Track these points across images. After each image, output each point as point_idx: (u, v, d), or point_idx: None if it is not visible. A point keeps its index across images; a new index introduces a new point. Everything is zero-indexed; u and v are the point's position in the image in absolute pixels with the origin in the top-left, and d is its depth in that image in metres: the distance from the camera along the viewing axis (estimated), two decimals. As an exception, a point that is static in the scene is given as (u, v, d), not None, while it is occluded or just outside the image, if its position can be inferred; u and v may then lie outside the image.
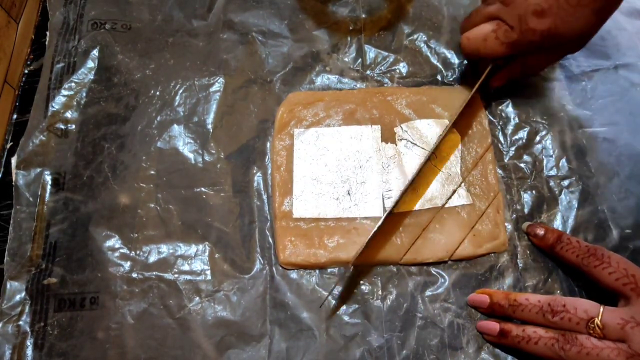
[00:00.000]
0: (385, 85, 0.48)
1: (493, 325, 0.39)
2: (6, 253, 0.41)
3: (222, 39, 0.49)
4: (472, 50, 0.43)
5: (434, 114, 0.46)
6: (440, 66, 0.49)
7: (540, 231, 0.41)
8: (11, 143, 0.46)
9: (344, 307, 0.40)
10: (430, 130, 0.45)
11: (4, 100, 0.46)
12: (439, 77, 0.49)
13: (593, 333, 0.34)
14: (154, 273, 0.41)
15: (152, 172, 0.44)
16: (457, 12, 0.52)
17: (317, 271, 0.41)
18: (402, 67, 0.49)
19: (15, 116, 0.47)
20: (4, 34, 0.47)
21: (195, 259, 0.41)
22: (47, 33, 0.49)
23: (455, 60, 0.49)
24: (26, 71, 0.49)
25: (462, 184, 0.43)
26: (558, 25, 0.39)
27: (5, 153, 0.45)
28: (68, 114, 0.46)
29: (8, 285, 0.40)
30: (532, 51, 0.42)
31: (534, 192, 0.44)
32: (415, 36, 0.50)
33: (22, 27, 0.50)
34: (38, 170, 0.43)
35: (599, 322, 0.34)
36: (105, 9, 0.50)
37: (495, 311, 0.39)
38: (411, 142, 0.45)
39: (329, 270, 0.41)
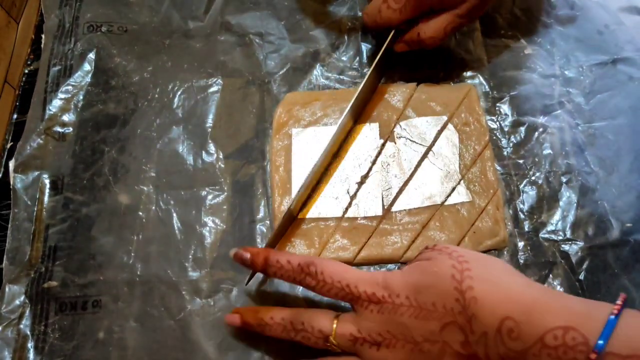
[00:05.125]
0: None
1: (236, 319, 0.37)
2: (5, 257, 0.41)
3: (220, 40, 0.49)
4: (372, 23, 0.45)
5: (432, 112, 0.46)
6: (438, 63, 0.49)
7: (246, 254, 0.37)
8: (11, 143, 0.46)
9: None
10: (428, 127, 0.45)
11: (4, 100, 0.46)
12: (437, 75, 0.48)
13: (332, 349, 0.34)
14: (155, 275, 0.41)
15: (152, 174, 0.44)
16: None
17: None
18: (401, 65, 0.49)
19: (15, 116, 0.47)
20: (4, 34, 0.47)
21: (195, 260, 0.41)
22: (43, 36, 0.49)
23: (453, 57, 0.49)
24: (26, 71, 0.49)
25: (461, 182, 0.43)
26: None
27: (6, 153, 0.45)
28: (65, 117, 0.46)
29: (7, 289, 0.40)
30: (429, 12, 0.42)
31: (533, 188, 0.44)
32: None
33: (22, 27, 0.50)
34: (36, 173, 0.43)
35: (333, 340, 0.33)
36: (100, 11, 0.50)
37: (249, 329, 0.37)
38: (409, 140, 0.45)
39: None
